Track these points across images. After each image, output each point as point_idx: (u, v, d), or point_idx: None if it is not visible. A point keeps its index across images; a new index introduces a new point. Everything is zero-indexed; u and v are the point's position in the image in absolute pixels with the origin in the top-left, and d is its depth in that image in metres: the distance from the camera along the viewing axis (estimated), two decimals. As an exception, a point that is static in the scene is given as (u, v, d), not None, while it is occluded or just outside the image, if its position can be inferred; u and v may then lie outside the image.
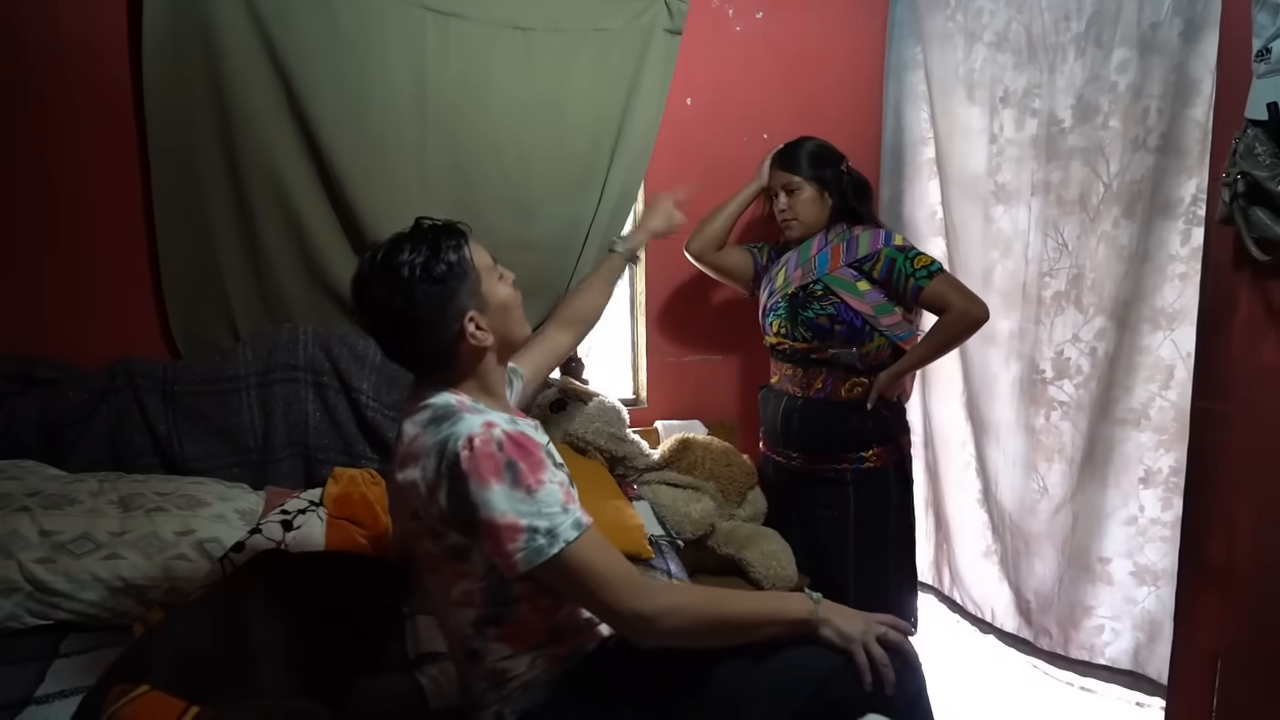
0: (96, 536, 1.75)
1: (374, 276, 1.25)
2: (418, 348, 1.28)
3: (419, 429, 1.22)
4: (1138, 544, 2.21)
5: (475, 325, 1.27)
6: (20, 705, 1.46)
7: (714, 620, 1.22)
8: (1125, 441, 2.19)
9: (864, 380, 2.22)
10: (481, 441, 1.14)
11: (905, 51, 2.75)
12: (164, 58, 2.08)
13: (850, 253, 2.20)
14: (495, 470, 1.13)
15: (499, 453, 1.14)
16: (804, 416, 2.27)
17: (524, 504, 1.13)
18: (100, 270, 2.18)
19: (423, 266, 1.23)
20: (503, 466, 1.13)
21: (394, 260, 1.24)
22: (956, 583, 2.77)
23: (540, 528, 1.13)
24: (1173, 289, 2.06)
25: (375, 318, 1.27)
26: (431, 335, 1.25)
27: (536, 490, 1.14)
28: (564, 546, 1.13)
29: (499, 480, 1.13)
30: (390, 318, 1.25)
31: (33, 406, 2.04)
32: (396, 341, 1.29)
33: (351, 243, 2.31)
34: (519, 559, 1.12)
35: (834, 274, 2.20)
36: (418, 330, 1.25)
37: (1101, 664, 2.31)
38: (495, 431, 1.16)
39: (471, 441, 1.14)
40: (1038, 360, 2.37)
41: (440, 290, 1.24)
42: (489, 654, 1.26)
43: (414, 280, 1.23)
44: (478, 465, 1.13)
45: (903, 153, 2.81)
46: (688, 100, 2.66)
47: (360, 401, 2.26)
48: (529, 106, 2.40)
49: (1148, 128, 2.06)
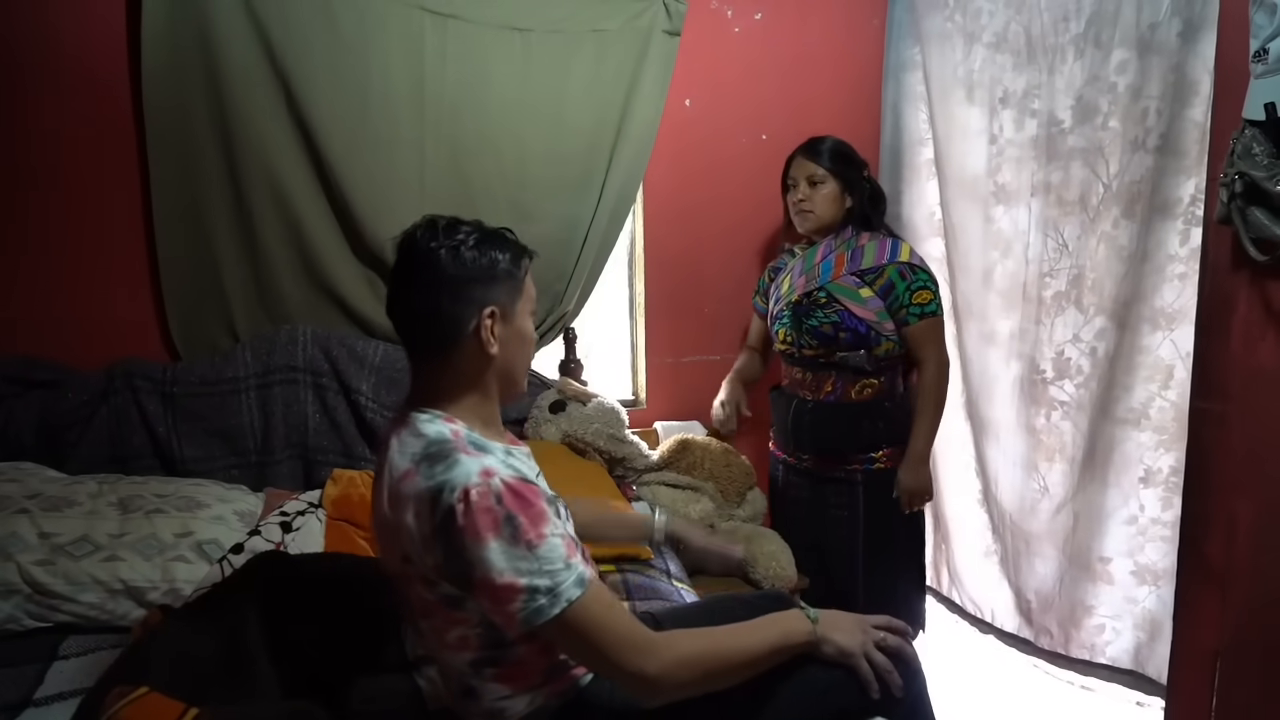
0: (96, 538, 1.75)
1: (431, 226, 1.20)
2: (431, 316, 1.20)
3: (410, 464, 1.14)
4: (1138, 544, 2.21)
5: (492, 323, 1.20)
6: (19, 707, 1.46)
7: (717, 668, 1.18)
8: (1125, 441, 2.19)
9: (874, 381, 2.21)
10: (479, 494, 1.07)
11: (904, 52, 2.75)
12: (163, 59, 2.08)
13: (854, 262, 2.20)
14: (493, 526, 1.06)
15: (497, 506, 1.07)
16: (815, 419, 2.26)
17: (524, 561, 1.06)
18: (99, 272, 2.18)
19: (480, 240, 1.20)
20: (501, 521, 1.07)
21: (459, 225, 1.21)
22: (956, 583, 2.77)
23: (541, 587, 1.07)
24: (1172, 289, 2.06)
25: (408, 266, 1.20)
26: (450, 307, 1.19)
27: (537, 545, 1.08)
28: (566, 606, 1.07)
29: (497, 537, 1.06)
30: (423, 267, 1.18)
31: (32, 409, 2.04)
32: (414, 301, 1.21)
33: (350, 244, 2.31)
34: (518, 619, 1.07)
35: (837, 281, 2.19)
36: (440, 293, 1.18)
37: (1102, 663, 2.31)
38: (494, 482, 1.08)
39: (468, 494, 1.07)
40: (1038, 360, 2.37)
41: (481, 270, 1.19)
42: (486, 693, 1.22)
43: (463, 242, 1.19)
44: (474, 521, 1.06)
45: (901, 153, 2.81)
46: (686, 101, 2.66)
47: (359, 403, 2.26)
48: (527, 108, 2.40)
49: (1147, 128, 2.06)
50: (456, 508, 1.06)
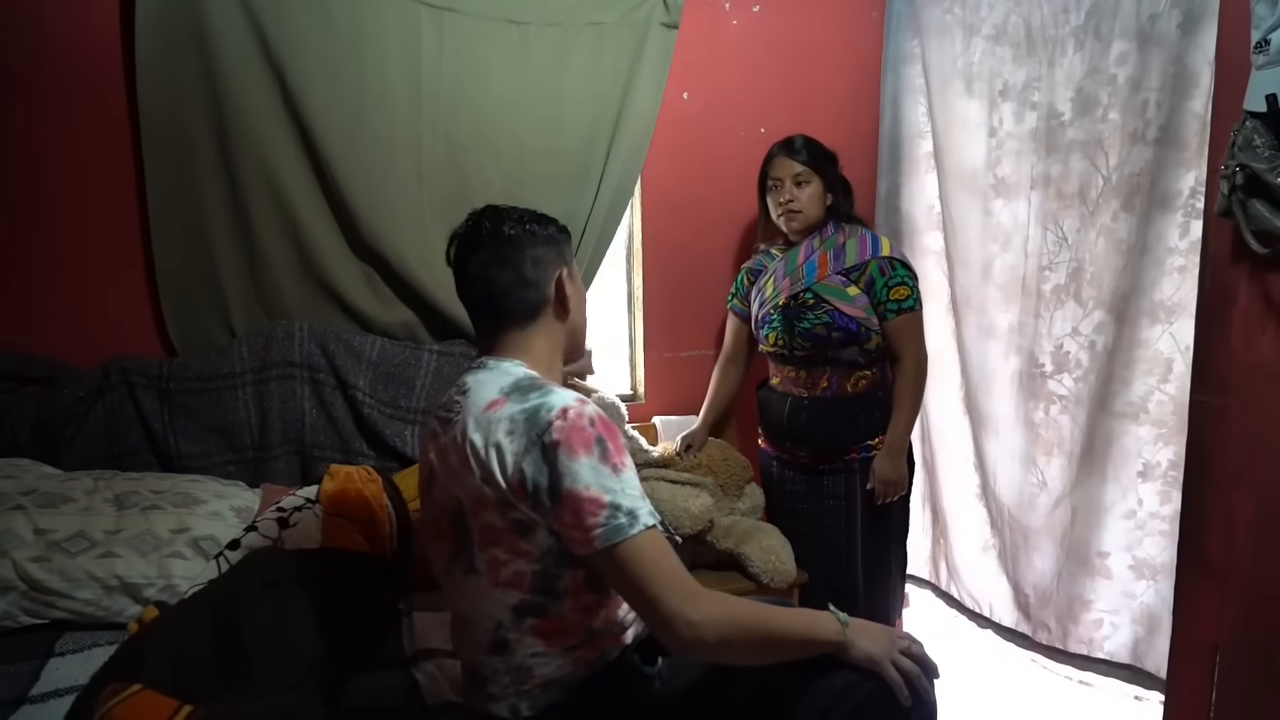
0: (91, 535, 1.75)
1: (492, 213, 1.34)
2: (517, 286, 1.31)
3: (498, 394, 1.22)
4: (1136, 538, 2.20)
5: (563, 286, 1.34)
6: (15, 704, 1.45)
7: (757, 634, 1.19)
8: (1124, 435, 2.18)
9: (868, 373, 2.23)
10: (575, 414, 1.15)
11: (903, 45, 2.74)
12: (157, 54, 2.07)
13: (838, 261, 2.21)
14: (586, 443, 1.14)
15: (590, 428, 1.15)
16: (812, 416, 2.26)
17: (610, 480, 1.13)
18: (95, 268, 2.17)
19: (536, 216, 1.36)
20: (593, 441, 1.14)
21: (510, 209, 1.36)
22: (954, 577, 2.77)
23: (623, 506, 1.13)
24: (1171, 282, 2.06)
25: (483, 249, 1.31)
26: (533, 273, 1.31)
27: (622, 470, 1.15)
28: (641, 531, 1.13)
29: (589, 453, 1.13)
30: (500, 245, 1.30)
31: (27, 405, 2.03)
32: (497, 278, 1.31)
33: (347, 239, 2.30)
34: (597, 534, 1.12)
35: (823, 282, 2.20)
36: (522, 264, 1.31)
37: (1100, 658, 2.31)
38: (588, 408, 1.17)
39: (566, 412, 1.15)
40: (1037, 354, 2.36)
41: (549, 239, 1.35)
42: (520, 647, 1.24)
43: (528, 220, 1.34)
44: (570, 435, 1.13)
45: (900, 146, 2.80)
46: (685, 95, 2.65)
47: (357, 398, 2.25)
48: (525, 101, 2.39)
49: (1147, 120, 2.05)
50: (555, 423, 1.14)
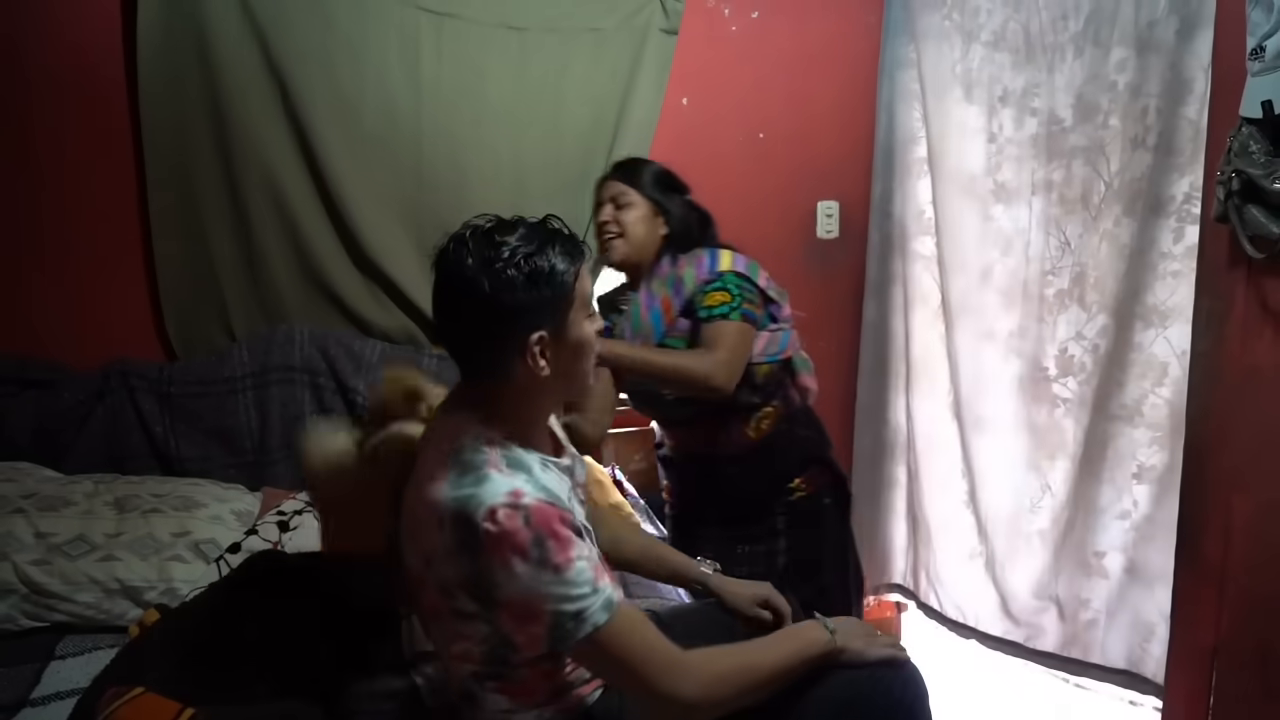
0: (92, 538, 1.75)
1: (471, 239, 1.12)
2: (471, 337, 1.14)
3: (439, 465, 1.10)
4: (1131, 540, 2.20)
5: (540, 350, 1.12)
6: (16, 708, 1.46)
7: (752, 681, 1.15)
8: (1119, 437, 2.18)
9: (769, 409, 1.91)
10: (505, 515, 1.03)
11: (899, 50, 2.75)
12: (159, 60, 2.08)
13: (679, 296, 1.83)
14: (520, 548, 1.03)
15: (524, 527, 1.03)
16: (720, 479, 1.93)
17: (551, 585, 1.03)
18: (95, 272, 2.17)
19: (523, 254, 1.10)
20: (529, 544, 1.03)
21: (498, 235, 1.12)
22: (936, 587, 2.73)
23: (568, 611, 1.03)
24: (1165, 286, 2.06)
25: (449, 281, 1.12)
26: (492, 331, 1.12)
27: (565, 569, 1.04)
28: (592, 630, 1.04)
29: (524, 560, 1.03)
30: (462, 293, 1.11)
31: (28, 409, 2.04)
32: (453, 318, 1.14)
33: (346, 244, 2.31)
34: (543, 640, 1.06)
35: (674, 333, 1.83)
36: (480, 316, 1.11)
37: (1095, 663, 2.31)
38: (523, 502, 1.05)
39: (494, 514, 1.03)
40: (1040, 358, 2.36)
41: (524, 287, 1.10)
42: (487, 703, 1.18)
43: (506, 261, 1.09)
44: (500, 541, 1.03)
45: (894, 152, 2.80)
46: (684, 100, 2.66)
47: (357, 402, 2.26)
48: (524, 107, 2.40)
49: (1146, 126, 2.06)
50: (483, 526, 1.03)
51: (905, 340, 2.75)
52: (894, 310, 2.80)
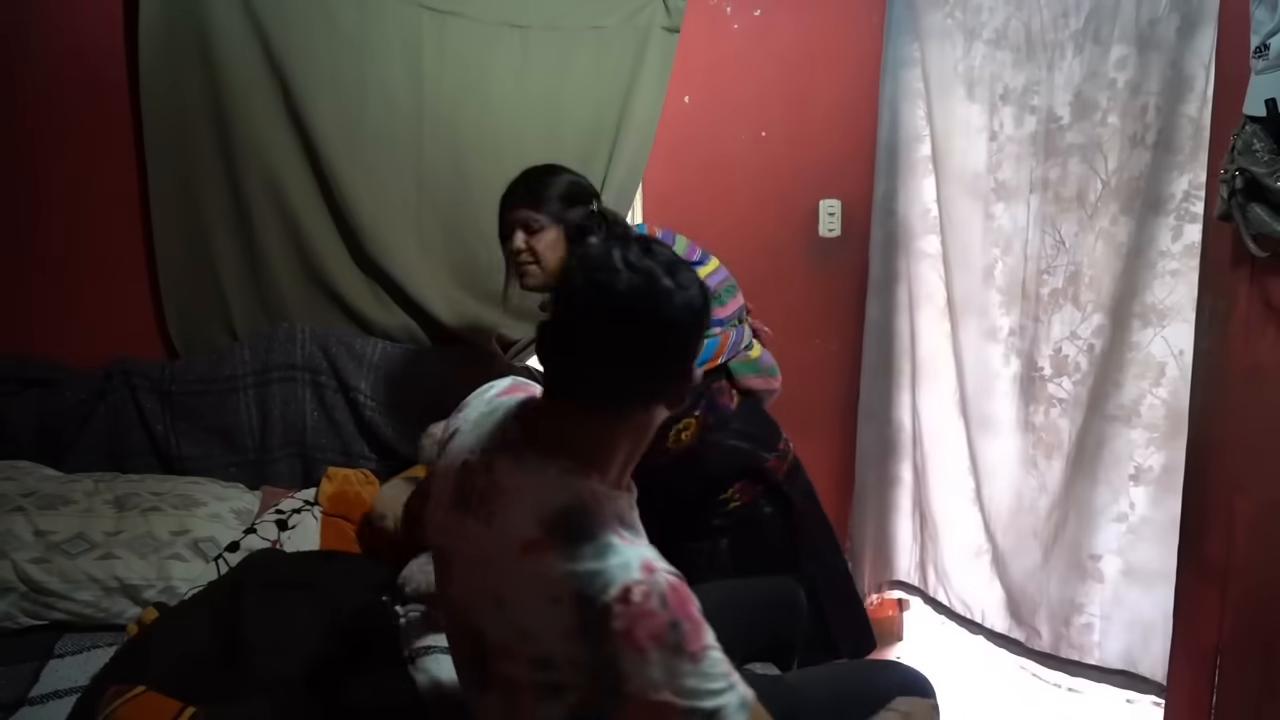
0: (91, 536, 1.75)
1: (632, 254, 0.98)
2: (618, 367, 0.99)
3: (538, 530, 0.97)
4: (1128, 541, 2.20)
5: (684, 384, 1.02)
6: (14, 706, 1.46)
7: None
8: (1115, 438, 2.18)
9: (690, 419, 1.86)
10: (642, 595, 0.91)
11: (902, 48, 2.75)
12: (160, 57, 2.08)
13: None
14: (657, 634, 0.91)
15: (661, 610, 0.91)
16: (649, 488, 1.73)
17: (687, 678, 0.91)
18: (97, 270, 2.17)
19: (697, 286, 0.99)
20: (665, 629, 0.91)
21: (666, 258, 0.99)
22: (944, 583, 2.74)
23: (702, 709, 0.91)
24: (1164, 285, 2.05)
25: (609, 297, 0.97)
26: (650, 365, 0.99)
27: (701, 658, 0.92)
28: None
29: (659, 647, 0.91)
30: (630, 310, 0.96)
31: (29, 407, 2.04)
32: (598, 340, 0.99)
33: (348, 242, 2.30)
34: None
35: None
36: (643, 345, 0.98)
37: (1092, 664, 2.30)
38: (658, 580, 0.93)
39: (629, 594, 0.91)
40: (1036, 357, 2.36)
41: (692, 321, 0.99)
42: None
43: (683, 289, 0.97)
44: (635, 627, 0.91)
45: (897, 150, 2.80)
46: (685, 98, 2.65)
47: (358, 401, 2.26)
48: (526, 105, 2.40)
49: (1146, 124, 2.06)
50: (614, 608, 0.91)
51: (911, 338, 2.74)
52: (899, 309, 2.80)
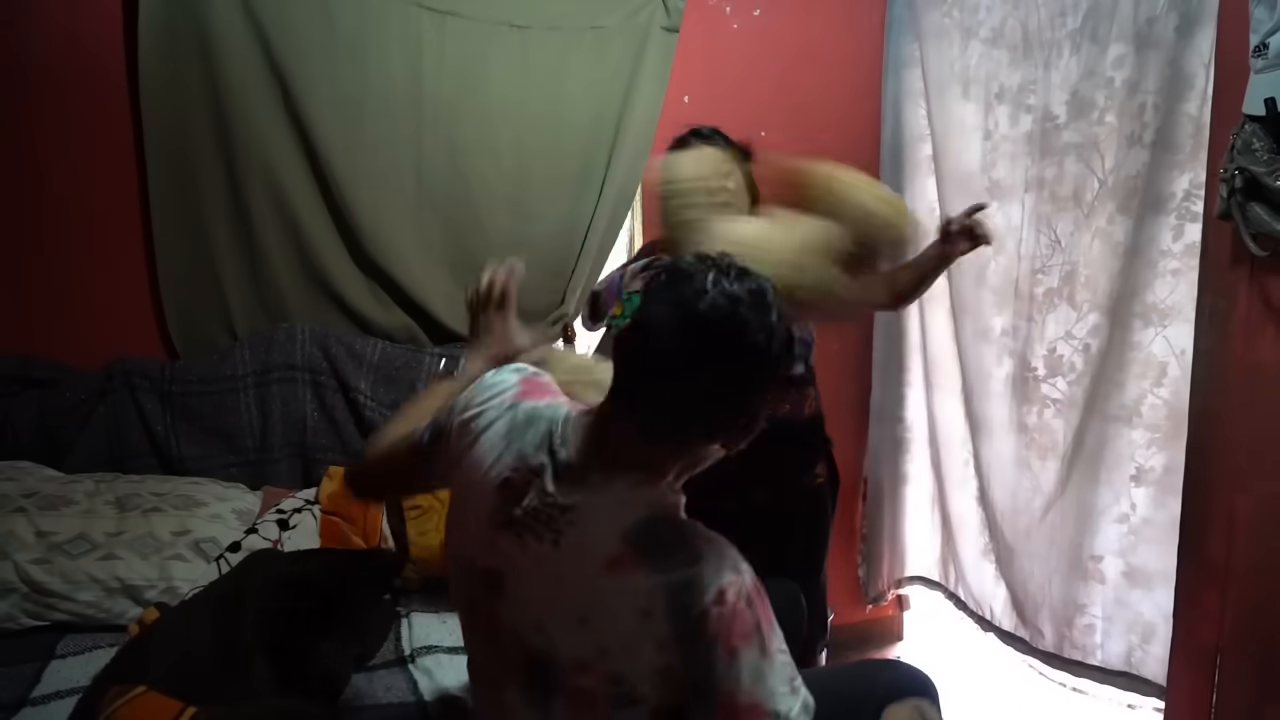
0: (93, 537, 1.75)
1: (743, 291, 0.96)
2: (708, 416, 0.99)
3: (621, 544, 0.97)
4: (1130, 543, 2.19)
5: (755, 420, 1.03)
6: (16, 706, 1.46)
7: None
8: (1116, 438, 2.17)
9: (814, 388, 2.02)
10: (735, 594, 0.94)
11: (903, 48, 2.75)
12: (160, 57, 2.08)
13: None
14: (746, 634, 0.94)
15: (749, 609, 0.94)
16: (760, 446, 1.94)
17: (769, 678, 0.94)
18: (97, 271, 2.17)
19: (784, 337, 0.99)
20: (753, 629, 0.94)
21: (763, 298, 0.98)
22: (960, 580, 2.76)
23: (782, 711, 0.94)
24: (1165, 285, 2.05)
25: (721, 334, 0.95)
26: (739, 413, 1.00)
27: (775, 659, 0.95)
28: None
29: (748, 646, 0.93)
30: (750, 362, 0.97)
31: (30, 407, 2.04)
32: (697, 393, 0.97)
33: (347, 243, 2.31)
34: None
35: None
36: (746, 383, 0.98)
37: (1094, 664, 2.30)
38: (745, 580, 0.96)
39: (724, 595, 0.93)
40: (1029, 357, 2.36)
41: (787, 360, 1.01)
42: None
43: (780, 336, 0.98)
44: (729, 628, 0.93)
45: (901, 150, 2.80)
46: (685, 98, 2.65)
47: (358, 401, 2.26)
48: (526, 105, 2.40)
49: (1144, 123, 2.05)
50: (711, 611, 0.93)
51: (922, 337, 2.75)
52: (908, 309, 2.81)
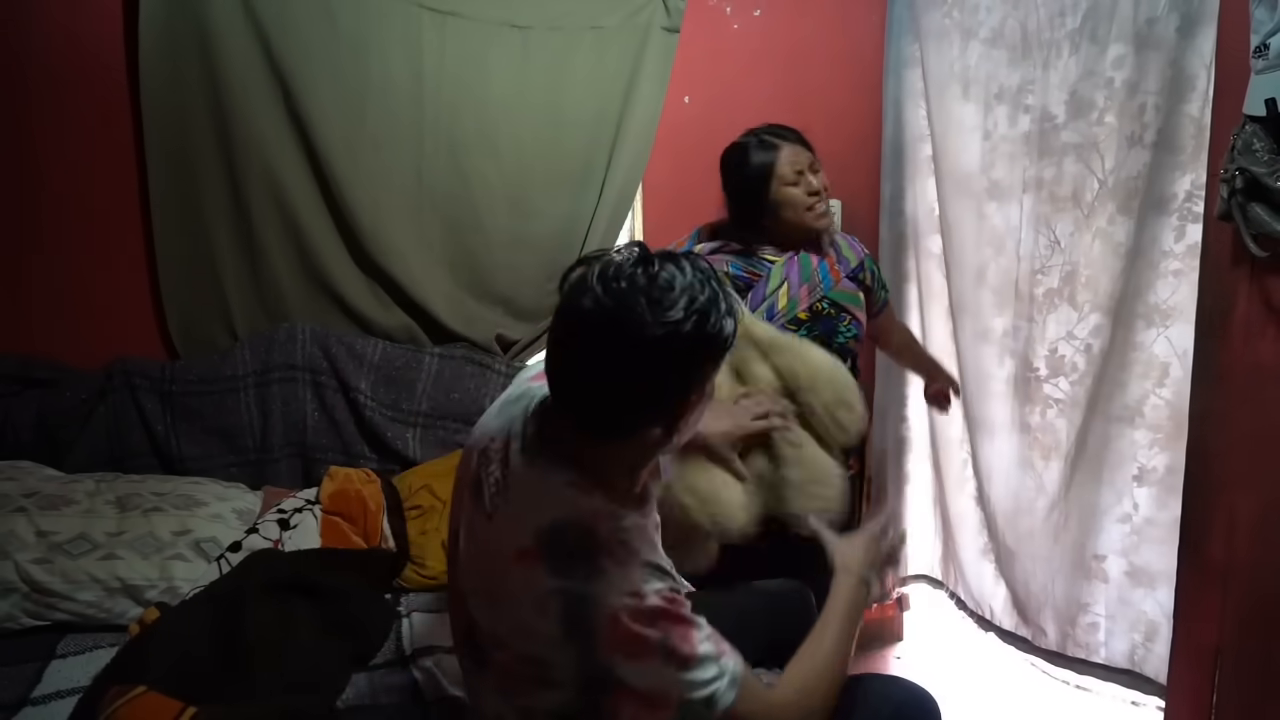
0: (93, 537, 1.75)
1: (641, 281, 0.93)
2: (615, 411, 0.97)
3: (531, 540, 0.98)
4: (1132, 543, 2.19)
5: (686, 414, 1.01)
6: (17, 706, 1.45)
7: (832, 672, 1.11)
8: (1119, 439, 2.18)
9: None
10: (630, 616, 0.95)
11: (904, 49, 2.75)
12: (161, 57, 2.07)
13: (843, 264, 2.00)
14: (647, 651, 0.96)
15: (650, 631, 0.96)
16: None
17: (680, 676, 0.97)
18: (98, 270, 2.17)
19: (703, 306, 0.94)
20: (656, 646, 0.96)
21: (668, 274, 0.94)
22: (960, 580, 2.76)
23: (699, 699, 0.98)
24: (1166, 285, 2.05)
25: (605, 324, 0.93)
26: (645, 404, 0.97)
27: (691, 662, 0.97)
28: (722, 713, 0.99)
29: (651, 659, 0.96)
30: (619, 345, 0.93)
31: (30, 407, 2.03)
32: (593, 386, 0.96)
33: (348, 242, 2.31)
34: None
35: (839, 288, 1.97)
36: (637, 384, 0.95)
37: (1098, 663, 2.31)
38: (647, 604, 0.96)
39: (617, 619, 0.95)
40: (1031, 358, 2.36)
41: (697, 356, 0.96)
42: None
43: (688, 321, 0.92)
44: (623, 645, 0.96)
45: (903, 150, 2.80)
46: (686, 98, 2.66)
47: (358, 401, 2.26)
48: (526, 105, 2.40)
49: (1144, 124, 2.05)
50: (602, 630, 0.96)
51: (923, 337, 2.75)
52: (908, 308, 2.82)
